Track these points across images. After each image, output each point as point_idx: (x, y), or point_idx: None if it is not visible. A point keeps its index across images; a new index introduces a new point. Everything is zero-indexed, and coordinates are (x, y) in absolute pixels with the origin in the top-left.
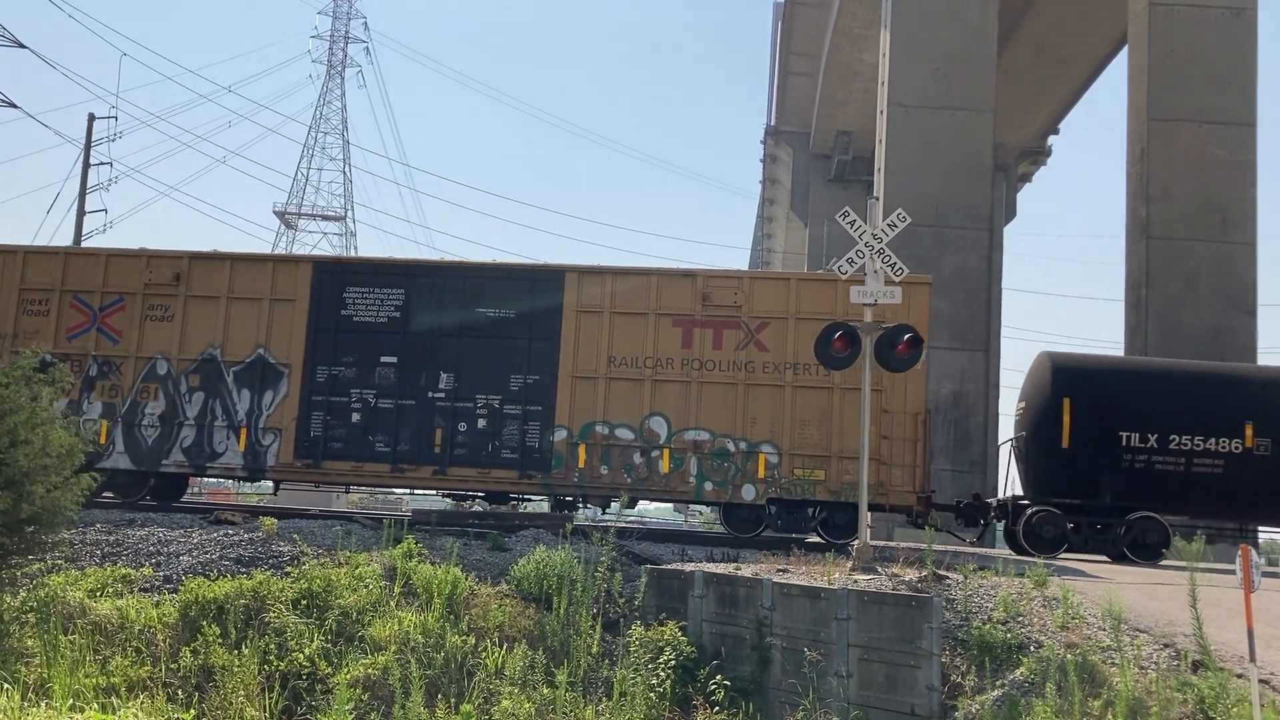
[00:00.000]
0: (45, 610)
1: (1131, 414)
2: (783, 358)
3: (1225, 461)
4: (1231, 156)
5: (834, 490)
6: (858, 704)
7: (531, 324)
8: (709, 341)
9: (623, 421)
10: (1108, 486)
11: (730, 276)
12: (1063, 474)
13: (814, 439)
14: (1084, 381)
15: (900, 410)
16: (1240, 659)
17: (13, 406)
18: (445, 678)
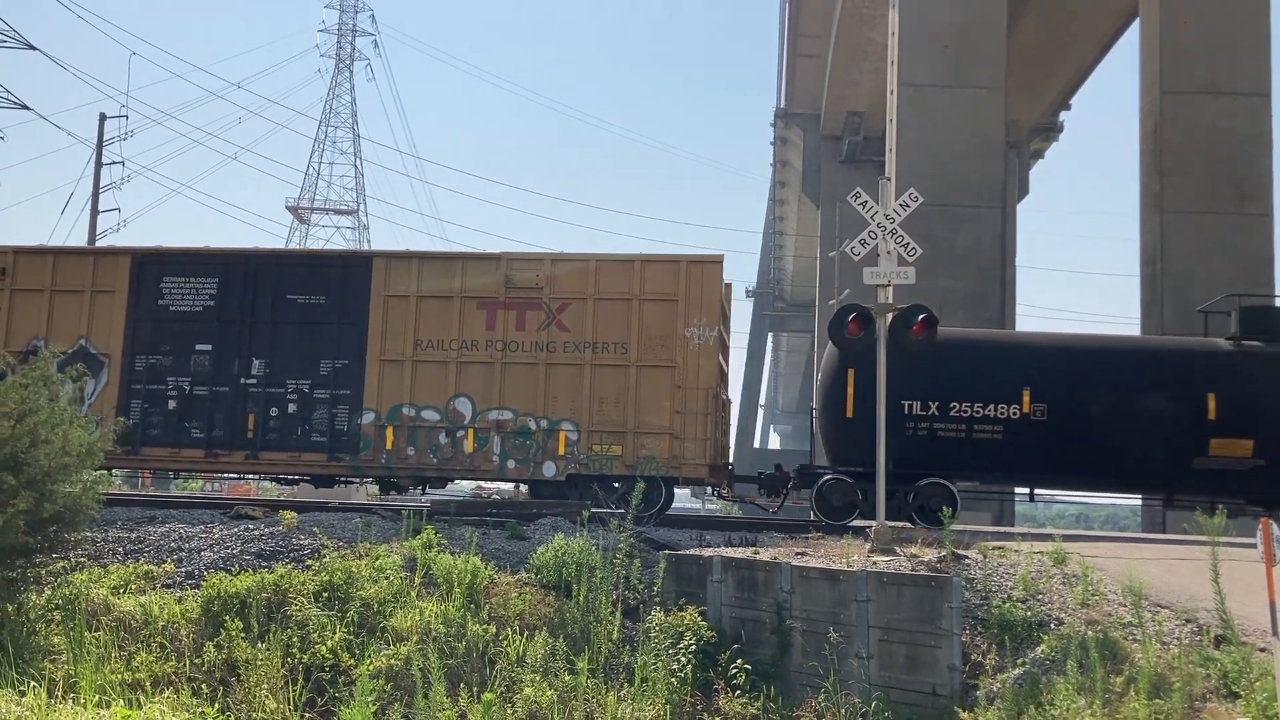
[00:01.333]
0: (70, 608)
1: (914, 383)
2: (583, 338)
3: (1004, 427)
4: (1246, 128)
5: (630, 464)
6: (879, 685)
7: (341, 310)
8: (512, 323)
9: (429, 403)
10: (891, 454)
11: (532, 259)
12: (849, 443)
13: (612, 416)
14: (868, 352)
15: (694, 386)
16: (1263, 633)
17: (33, 407)
18: (467, 666)
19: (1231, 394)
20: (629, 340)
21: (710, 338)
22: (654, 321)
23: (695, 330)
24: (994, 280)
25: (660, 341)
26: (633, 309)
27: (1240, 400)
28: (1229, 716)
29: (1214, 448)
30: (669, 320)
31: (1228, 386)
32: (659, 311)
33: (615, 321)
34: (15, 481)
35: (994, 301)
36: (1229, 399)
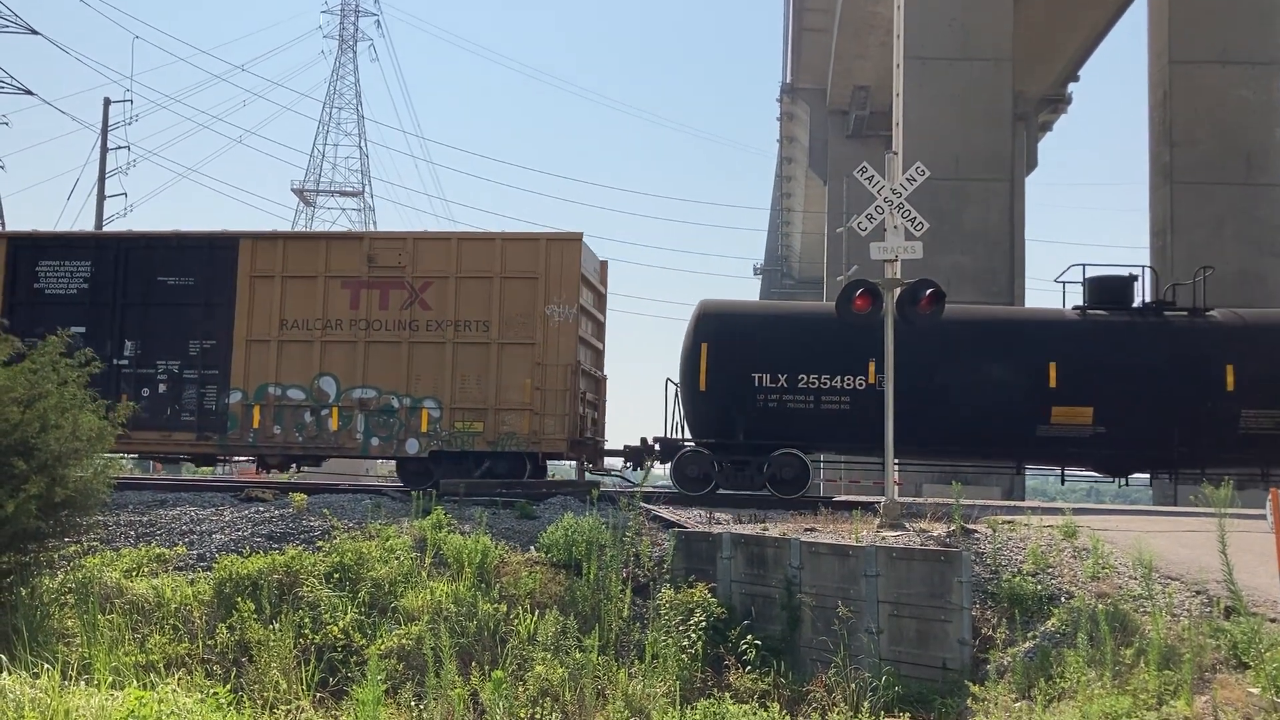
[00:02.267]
0: (83, 591)
1: (763, 356)
2: (445, 316)
3: (851, 398)
4: (1255, 97)
5: (492, 441)
6: (889, 659)
7: (209, 291)
8: (376, 302)
9: (294, 382)
10: (742, 426)
11: (395, 238)
12: (704, 415)
13: (473, 393)
14: (720, 327)
15: (554, 363)
16: (1273, 603)
17: (42, 392)
18: (478, 645)
19: (1072, 363)
20: (490, 318)
21: (570, 315)
22: (515, 299)
23: (556, 308)
24: (1002, 254)
25: (521, 319)
26: (494, 287)
27: (1080, 369)
28: (1239, 687)
29: (1056, 416)
30: (530, 298)
31: (1068, 355)
32: (520, 289)
33: (477, 300)
34: (26, 466)
35: (1003, 275)
36: (1069, 368)
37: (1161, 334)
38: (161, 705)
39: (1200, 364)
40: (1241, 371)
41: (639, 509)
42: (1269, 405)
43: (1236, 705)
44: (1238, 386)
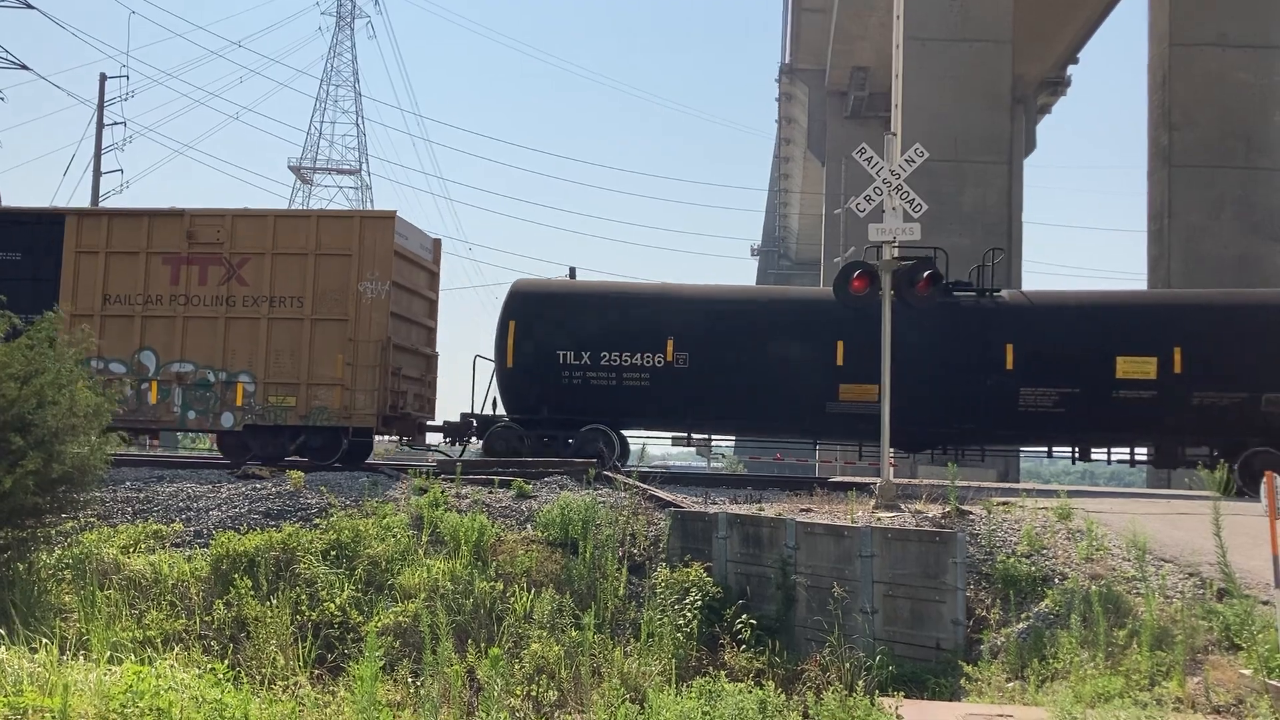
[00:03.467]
0: (80, 567)
1: (567, 334)
2: (261, 292)
3: (651, 375)
4: (1255, 80)
5: (304, 415)
6: (883, 639)
7: (36, 266)
8: (195, 278)
9: (116, 356)
10: (547, 402)
11: (214, 215)
12: (512, 391)
13: (287, 368)
14: (529, 305)
15: (365, 339)
16: (1265, 586)
17: (39, 368)
18: (474, 623)
19: (858, 341)
20: (305, 294)
21: (383, 291)
22: (329, 276)
23: (369, 284)
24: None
25: (335, 296)
26: (309, 264)
27: (866, 346)
28: (1231, 668)
29: (844, 393)
30: (343, 275)
31: (854, 333)
32: (334, 267)
33: (292, 276)
34: (23, 442)
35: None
36: (857, 346)
37: (947, 313)
38: (159, 680)
39: (983, 343)
40: (1020, 350)
41: (636, 488)
42: (1046, 383)
43: (1228, 686)
44: (1016, 365)
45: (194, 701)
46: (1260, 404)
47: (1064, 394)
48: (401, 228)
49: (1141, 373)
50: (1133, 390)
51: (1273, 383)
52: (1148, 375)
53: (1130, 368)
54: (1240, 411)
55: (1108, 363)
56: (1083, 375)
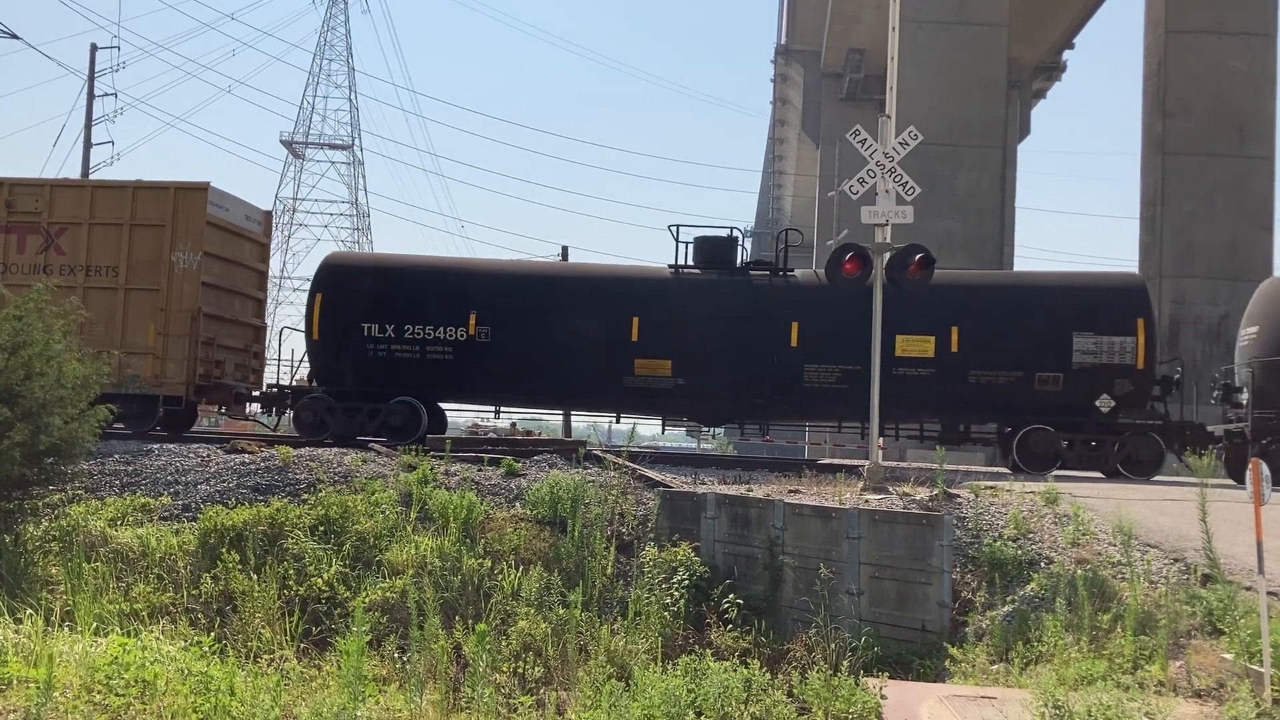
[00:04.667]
0: (68, 539)
1: (371, 307)
2: (78, 261)
3: (454, 348)
4: (1250, 68)
5: (117, 384)
6: (869, 621)
7: None
8: (14, 246)
9: None
10: (353, 374)
11: (34, 184)
12: (319, 363)
13: (101, 337)
14: (335, 279)
15: (178, 309)
16: (1249, 572)
17: (27, 339)
18: (462, 600)
19: (653, 317)
20: (120, 264)
21: (194, 262)
22: (144, 246)
23: (182, 255)
24: (993, 221)
25: (148, 266)
26: (124, 234)
27: (661, 323)
28: (1213, 653)
29: (639, 368)
30: (157, 245)
31: (650, 310)
32: (149, 237)
33: (108, 246)
34: (10, 414)
35: (993, 242)
36: (651, 322)
37: (739, 292)
38: (145, 652)
39: (771, 321)
40: (805, 328)
41: (625, 468)
42: (829, 360)
43: (1210, 670)
44: (801, 342)
45: (180, 674)
46: (1034, 383)
47: (846, 371)
48: (219, 199)
49: (920, 351)
50: (912, 368)
51: (1045, 362)
52: (926, 354)
53: (910, 346)
54: (1016, 390)
55: (888, 341)
56: (864, 353)
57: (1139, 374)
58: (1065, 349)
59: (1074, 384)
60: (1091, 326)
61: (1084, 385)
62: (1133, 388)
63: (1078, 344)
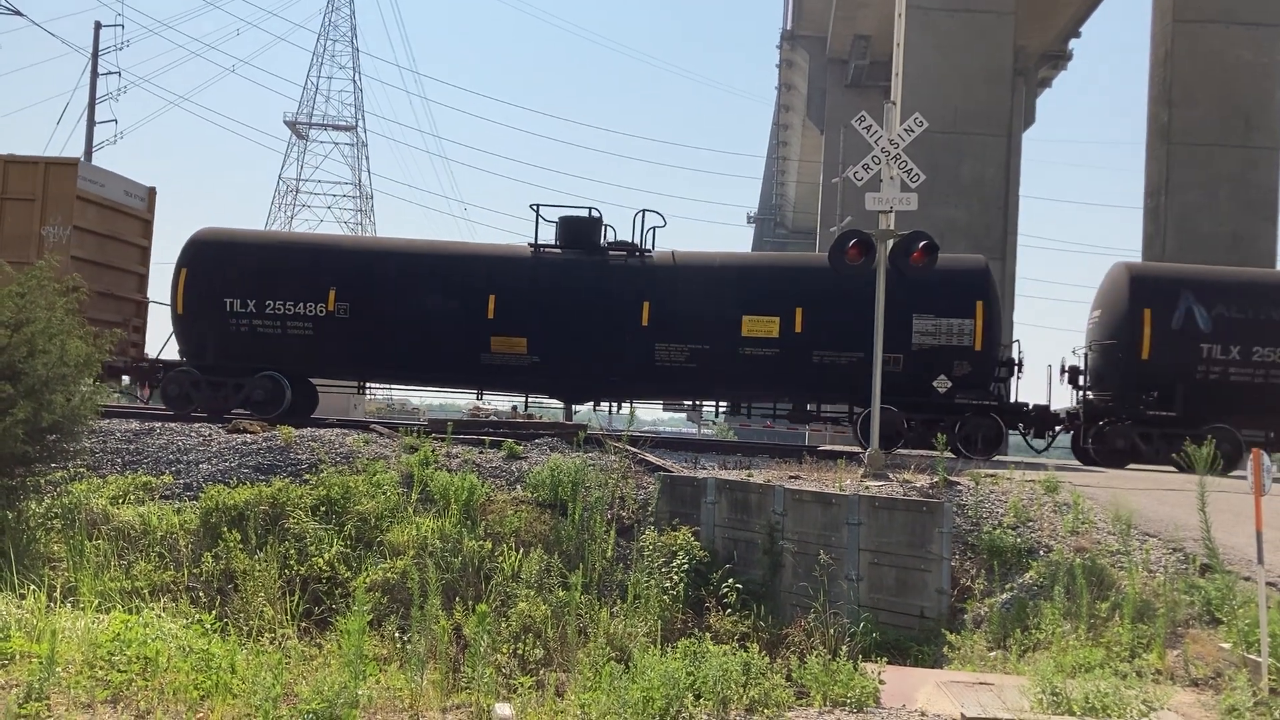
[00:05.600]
0: (70, 516)
1: (235, 282)
2: None
3: (314, 324)
4: (1257, 59)
5: None
6: (868, 606)
7: None
8: None
9: None
10: (216, 348)
11: None
12: (183, 337)
13: None
14: (199, 253)
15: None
16: (1247, 562)
17: (30, 316)
18: (462, 581)
19: (510, 296)
20: None
21: (64, 236)
22: (15, 220)
23: (52, 229)
24: (997, 209)
25: (19, 240)
26: None
27: (518, 302)
28: (1211, 642)
29: (495, 345)
30: (28, 219)
31: (507, 289)
32: (20, 211)
33: None
34: (13, 390)
35: (996, 230)
36: (508, 300)
37: (595, 271)
38: (147, 629)
39: (623, 300)
40: (656, 308)
41: (626, 452)
42: (679, 339)
43: (1207, 660)
44: (652, 321)
45: (181, 651)
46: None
47: (695, 350)
48: (94, 175)
49: (765, 331)
50: (758, 348)
51: (886, 343)
52: (771, 334)
53: (755, 327)
54: (858, 370)
55: (735, 321)
56: (712, 333)
57: (977, 355)
58: (905, 330)
59: (914, 365)
60: (931, 309)
61: (924, 366)
62: (971, 369)
63: (917, 326)
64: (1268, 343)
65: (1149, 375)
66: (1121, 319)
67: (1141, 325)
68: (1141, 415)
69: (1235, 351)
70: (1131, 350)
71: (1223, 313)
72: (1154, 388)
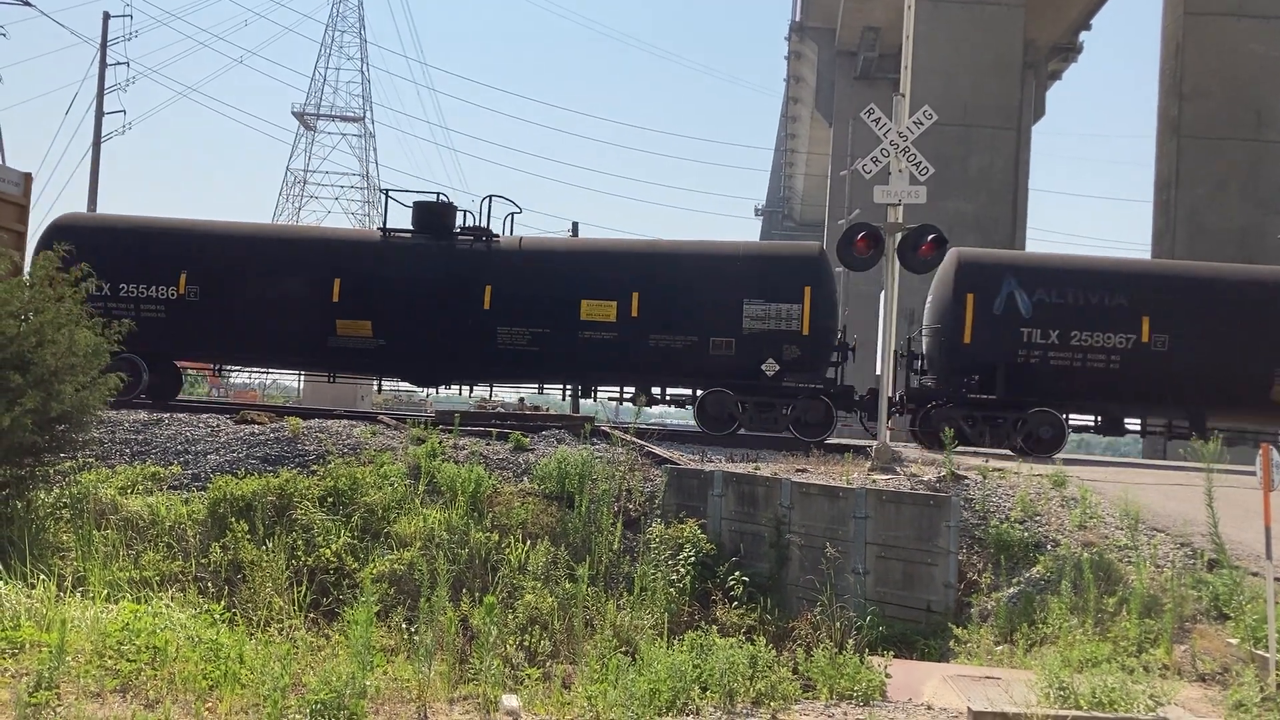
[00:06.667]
0: (79, 506)
1: (90, 265)
2: None
3: (165, 306)
4: (1268, 52)
5: None
6: (874, 600)
7: None
8: None
9: None
10: None
11: None
12: None
13: None
14: (56, 237)
15: None
16: (1256, 557)
17: (38, 307)
18: (469, 572)
19: (355, 280)
20: None
21: None
22: None
23: None
24: (1005, 202)
25: None
26: None
27: (363, 285)
28: (1218, 637)
29: (341, 328)
30: None
31: (353, 272)
32: None
33: None
34: (22, 380)
35: (1005, 223)
36: (352, 284)
37: (441, 256)
38: (155, 619)
39: (467, 284)
40: (498, 292)
41: (632, 444)
42: (520, 323)
43: (1214, 655)
44: (494, 305)
45: (190, 640)
46: (709, 347)
47: (536, 333)
48: None
49: (603, 315)
50: (597, 332)
51: (718, 328)
52: (609, 318)
53: (594, 311)
54: (693, 354)
55: (574, 305)
56: (552, 317)
57: (806, 339)
58: (736, 315)
59: (745, 349)
60: (761, 294)
61: (755, 350)
62: (800, 353)
63: (748, 311)
64: (1086, 327)
65: (971, 359)
66: (947, 304)
67: (964, 310)
68: (963, 399)
69: (1055, 336)
70: (955, 335)
71: (1044, 298)
72: (976, 371)
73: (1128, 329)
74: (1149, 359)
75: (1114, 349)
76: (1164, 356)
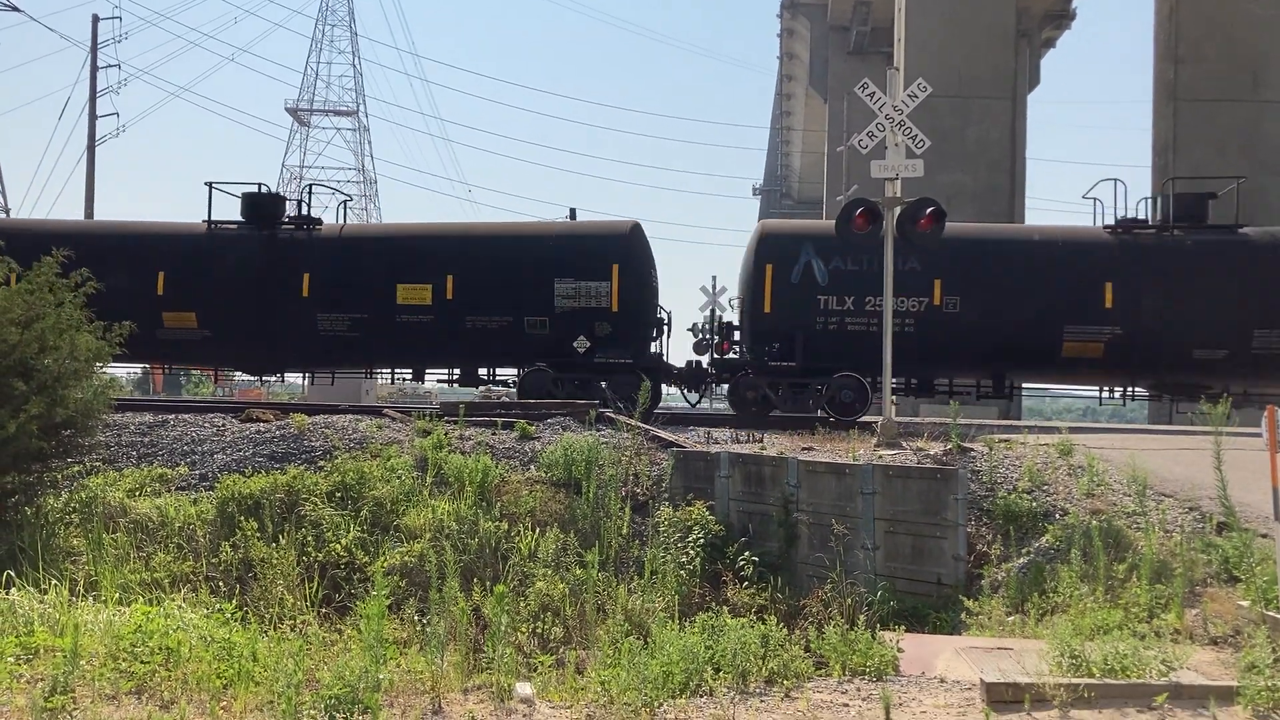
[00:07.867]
0: (88, 510)
1: None
2: None
3: None
4: (1265, 12)
5: None
6: (884, 575)
7: None
8: None
9: None
10: None
11: None
12: None
13: None
14: None
15: None
16: (1265, 519)
17: (39, 313)
18: (480, 562)
19: (180, 272)
20: None
21: None
22: None
23: None
24: (1003, 173)
25: None
26: None
27: (187, 278)
28: (1229, 600)
29: (167, 320)
30: None
31: (177, 265)
32: None
33: None
34: (26, 387)
35: (1003, 194)
36: (177, 277)
37: (263, 245)
38: (168, 620)
39: (286, 273)
40: (316, 279)
41: (638, 429)
42: (339, 309)
43: (1225, 618)
44: (313, 292)
45: (202, 641)
46: (525, 327)
47: (355, 319)
48: None
49: (419, 299)
50: (413, 315)
51: (532, 307)
52: (424, 301)
53: (410, 294)
54: (509, 334)
55: (390, 290)
56: (370, 302)
57: (616, 316)
58: (549, 294)
59: (559, 327)
60: (571, 273)
61: (568, 328)
62: (611, 329)
63: (559, 289)
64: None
65: (771, 328)
66: (749, 275)
67: (763, 281)
68: (766, 367)
69: (850, 302)
70: (756, 305)
71: (839, 266)
72: (776, 339)
73: (921, 293)
74: (941, 321)
75: (908, 312)
76: (954, 318)
